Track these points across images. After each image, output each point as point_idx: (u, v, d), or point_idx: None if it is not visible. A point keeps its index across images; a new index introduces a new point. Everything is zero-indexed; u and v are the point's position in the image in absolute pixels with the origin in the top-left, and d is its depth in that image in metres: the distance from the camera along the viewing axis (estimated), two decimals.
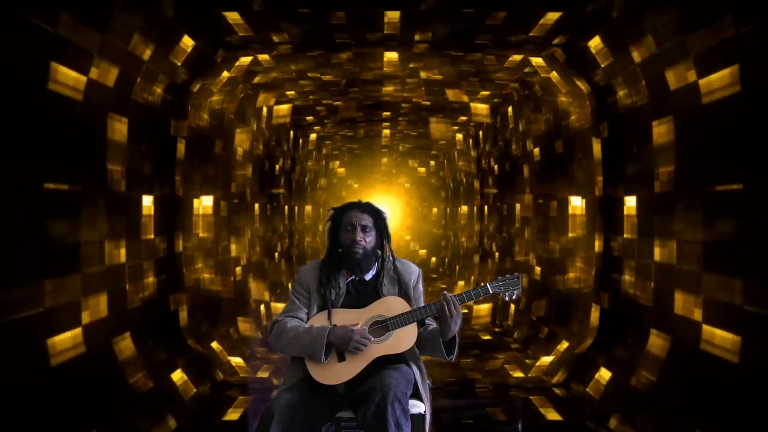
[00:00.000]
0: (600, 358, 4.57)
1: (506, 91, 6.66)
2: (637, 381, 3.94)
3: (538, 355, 5.57)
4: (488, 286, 2.49)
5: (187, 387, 4.43)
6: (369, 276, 2.61)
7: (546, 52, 4.99)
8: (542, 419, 4.09)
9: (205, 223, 5.46)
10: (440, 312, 2.42)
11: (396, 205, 13.48)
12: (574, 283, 5.33)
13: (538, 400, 4.44)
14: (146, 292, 4.26)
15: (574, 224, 5.35)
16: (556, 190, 5.74)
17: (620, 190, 4.46)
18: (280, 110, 7.36)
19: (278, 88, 6.47)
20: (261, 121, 7.16)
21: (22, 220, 2.81)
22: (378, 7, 4.22)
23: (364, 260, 2.56)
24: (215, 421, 4.08)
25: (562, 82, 5.27)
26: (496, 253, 8.14)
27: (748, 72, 2.85)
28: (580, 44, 4.54)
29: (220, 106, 5.72)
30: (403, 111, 7.87)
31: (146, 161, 4.24)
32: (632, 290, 4.27)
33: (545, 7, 4.15)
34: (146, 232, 4.26)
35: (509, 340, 6.49)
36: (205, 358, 4.99)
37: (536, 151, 6.31)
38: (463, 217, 10.36)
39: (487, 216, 8.69)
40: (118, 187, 3.81)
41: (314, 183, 11.12)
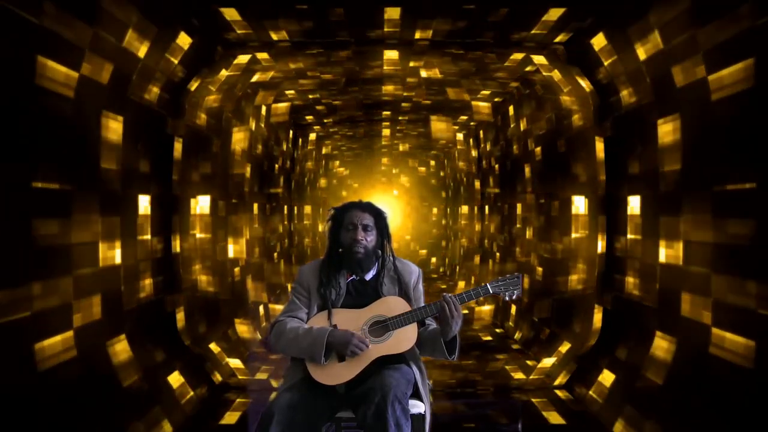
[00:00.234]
0: (603, 360, 4.51)
1: (508, 90, 6.60)
2: (642, 384, 3.88)
3: (540, 356, 5.52)
4: (488, 286, 2.50)
5: (184, 389, 4.37)
6: (369, 276, 2.63)
7: (548, 50, 4.94)
8: (543, 421, 4.04)
9: (203, 224, 5.41)
10: (441, 312, 2.43)
11: (396, 205, 13.44)
12: (577, 284, 5.27)
13: (540, 403, 4.39)
14: (142, 294, 4.21)
15: (577, 224, 5.30)
16: (558, 190, 5.69)
17: (623, 190, 4.41)
18: (278, 109, 7.31)
19: (277, 87, 6.42)
20: (260, 120, 7.10)
21: (8, 221, 2.73)
22: (378, 3, 4.17)
23: (365, 260, 2.58)
24: (213, 425, 4.03)
25: (564, 81, 5.22)
26: (497, 254, 8.09)
27: (764, 66, 2.75)
28: (583, 42, 4.48)
29: (218, 105, 5.66)
30: (404, 110, 7.82)
31: (142, 160, 4.19)
32: (636, 291, 4.21)
33: (548, 4, 4.09)
34: (143, 232, 4.22)
35: (510, 342, 6.44)
36: (203, 359, 4.94)
37: (538, 150, 6.25)
38: (464, 217, 10.31)
39: (488, 216, 8.63)
40: (113, 187, 3.75)
41: (314, 183, 11.06)
